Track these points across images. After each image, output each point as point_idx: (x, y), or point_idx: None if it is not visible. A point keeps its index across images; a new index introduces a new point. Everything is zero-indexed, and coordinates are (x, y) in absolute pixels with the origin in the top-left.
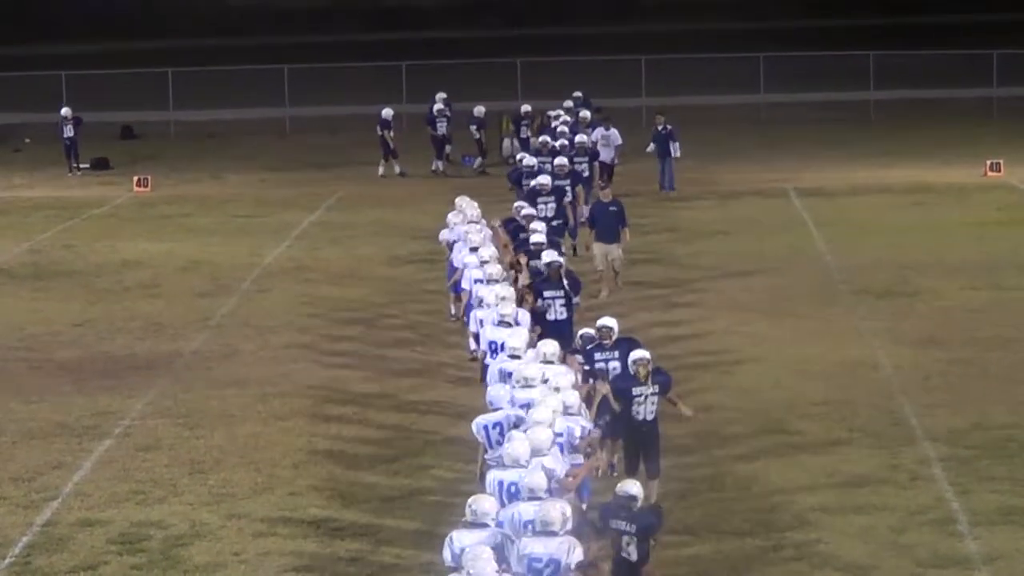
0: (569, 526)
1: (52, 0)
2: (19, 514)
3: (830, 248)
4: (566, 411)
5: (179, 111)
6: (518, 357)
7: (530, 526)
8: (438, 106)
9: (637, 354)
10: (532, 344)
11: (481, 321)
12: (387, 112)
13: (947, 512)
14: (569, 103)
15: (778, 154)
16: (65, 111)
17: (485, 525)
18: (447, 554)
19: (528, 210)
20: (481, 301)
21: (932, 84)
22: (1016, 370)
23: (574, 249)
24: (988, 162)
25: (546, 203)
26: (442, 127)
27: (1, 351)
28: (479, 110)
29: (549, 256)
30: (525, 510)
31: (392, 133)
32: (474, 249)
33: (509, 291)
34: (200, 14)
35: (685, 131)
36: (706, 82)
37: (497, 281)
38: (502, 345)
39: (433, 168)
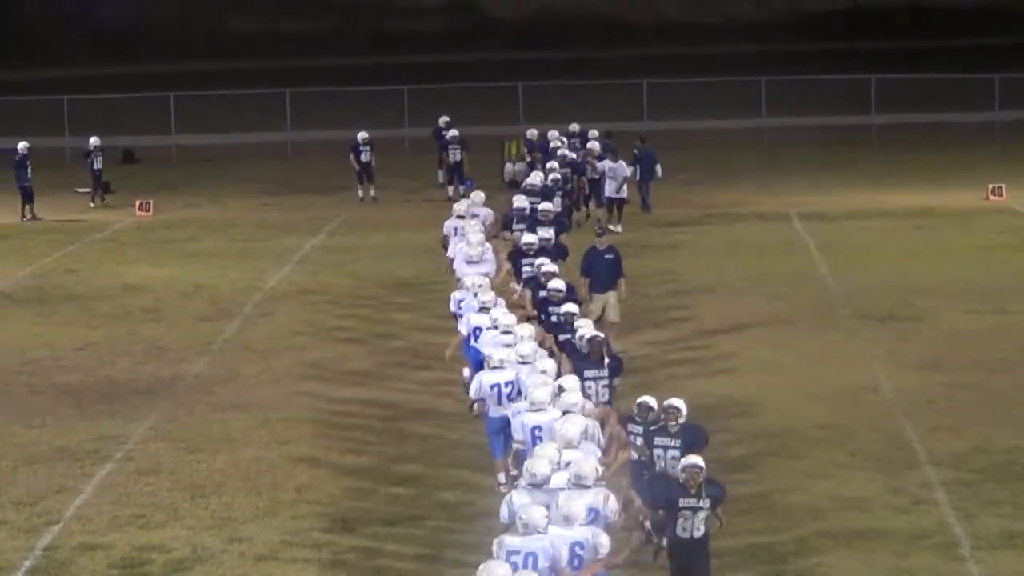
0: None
1: (53, 24)
2: (20, 538)
3: (832, 272)
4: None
5: (181, 135)
6: (510, 333)
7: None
8: (452, 132)
9: (689, 460)
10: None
11: (460, 302)
12: (359, 135)
13: (950, 536)
14: (594, 131)
15: (780, 178)
16: (94, 140)
17: (541, 486)
18: (505, 512)
19: (556, 282)
20: (459, 281)
21: (934, 108)
22: (1020, 393)
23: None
24: (990, 186)
25: (531, 264)
26: (455, 153)
27: (3, 375)
28: (531, 133)
29: (587, 328)
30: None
31: (366, 158)
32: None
33: (485, 278)
34: (202, 38)
35: (686, 155)
36: (707, 106)
37: (477, 262)
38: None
39: (450, 195)
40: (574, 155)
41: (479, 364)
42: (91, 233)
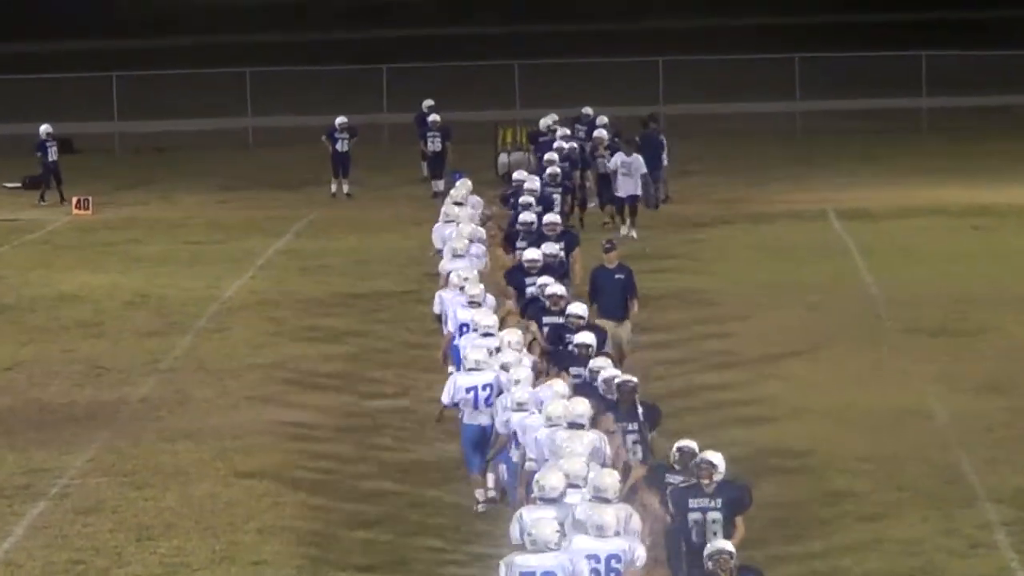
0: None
1: None
2: None
3: (876, 278)
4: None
5: (125, 121)
6: (491, 335)
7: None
8: (433, 117)
9: (716, 546)
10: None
11: (444, 300)
12: (338, 120)
13: None
14: (603, 118)
15: (816, 170)
16: (46, 128)
17: (554, 500)
18: (516, 530)
19: (577, 307)
20: (444, 278)
21: (993, 89)
22: None
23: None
24: None
25: (533, 284)
26: (435, 142)
27: None
28: (546, 121)
29: (608, 370)
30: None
31: (343, 148)
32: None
33: (473, 272)
34: (149, 10)
35: (708, 143)
36: (733, 87)
37: (462, 256)
38: (471, 326)
39: (434, 190)
40: (575, 145)
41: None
42: (20, 234)
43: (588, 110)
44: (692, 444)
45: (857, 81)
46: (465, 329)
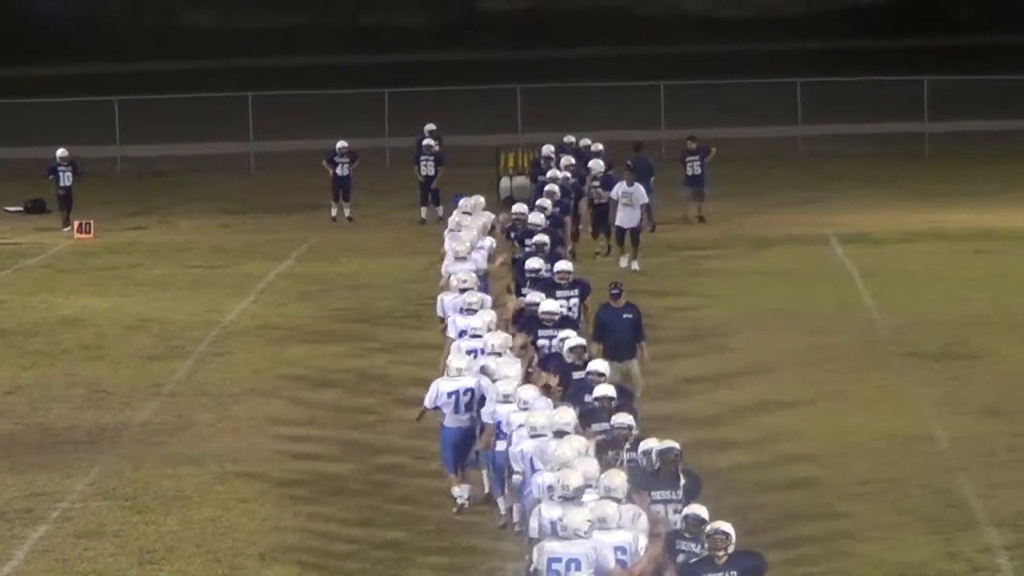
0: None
1: None
2: None
3: (878, 303)
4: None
5: (126, 145)
6: (479, 336)
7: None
8: (427, 141)
9: (714, 527)
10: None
11: (445, 304)
12: (338, 144)
13: None
14: (598, 145)
15: (818, 195)
16: (61, 152)
17: (572, 499)
18: (534, 525)
19: (598, 364)
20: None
21: (996, 113)
22: None
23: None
24: None
25: (551, 338)
26: (427, 166)
27: None
28: (547, 147)
29: (651, 441)
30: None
31: (343, 172)
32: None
33: (471, 276)
34: (151, 34)
35: (710, 168)
36: (735, 111)
37: (464, 259)
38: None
39: (422, 217)
40: (567, 174)
41: None
42: (22, 259)
43: (570, 138)
44: (699, 511)
45: (859, 106)
46: (464, 335)
